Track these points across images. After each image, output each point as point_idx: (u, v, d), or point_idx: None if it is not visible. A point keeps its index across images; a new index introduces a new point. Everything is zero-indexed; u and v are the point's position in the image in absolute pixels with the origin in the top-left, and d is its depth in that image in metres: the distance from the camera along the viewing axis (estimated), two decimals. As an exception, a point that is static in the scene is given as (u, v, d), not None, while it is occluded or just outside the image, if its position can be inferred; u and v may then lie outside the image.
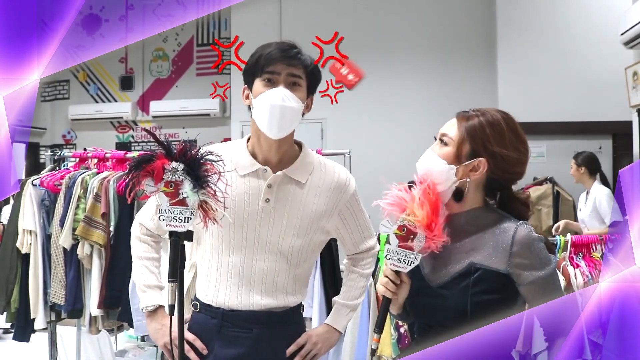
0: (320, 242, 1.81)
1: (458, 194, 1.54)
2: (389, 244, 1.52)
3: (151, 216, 1.78)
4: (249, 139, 1.76)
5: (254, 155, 1.71)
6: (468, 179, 1.53)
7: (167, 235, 1.47)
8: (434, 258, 1.54)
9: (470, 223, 1.55)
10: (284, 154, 1.71)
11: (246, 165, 1.69)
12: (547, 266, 1.50)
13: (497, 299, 1.50)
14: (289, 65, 1.64)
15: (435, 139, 1.60)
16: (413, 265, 1.50)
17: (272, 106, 1.61)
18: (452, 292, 1.52)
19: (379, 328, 1.56)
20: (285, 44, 1.67)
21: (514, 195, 1.61)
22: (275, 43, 1.67)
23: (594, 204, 4.66)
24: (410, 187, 1.53)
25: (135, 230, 1.83)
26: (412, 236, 1.49)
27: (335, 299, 1.92)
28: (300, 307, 1.82)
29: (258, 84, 1.66)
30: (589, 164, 4.85)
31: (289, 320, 1.76)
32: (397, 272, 1.53)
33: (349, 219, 1.81)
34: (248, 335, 1.70)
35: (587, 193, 4.85)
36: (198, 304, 1.76)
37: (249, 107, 1.72)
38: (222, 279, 1.71)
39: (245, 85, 1.72)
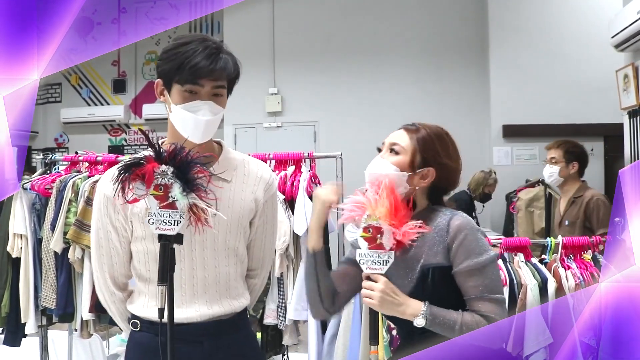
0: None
1: (407, 201, 1.59)
2: (359, 248, 1.52)
3: (117, 267, 1.70)
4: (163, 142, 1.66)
5: None
6: (417, 187, 1.63)
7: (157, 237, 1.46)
8: (396, 266, 1.54)
9: None
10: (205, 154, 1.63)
11: None
12: (483, 254, 1.55)
13: (458, 294, 1.56)
14: (215, 80, 1.56)
15: (380, 149, 1.69)
16: (388, 265, 1.50)
17: (197, 120, 1.56)
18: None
19: (374, 339, 1.54)
20: (210, 48, 1.54)
21: (443, 202, 1.70)
22: (198, 45, 1.53)
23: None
24: (365, 191, 1.56)
25: (101, 287, 1.73)
26: (379, 235, 1.49)
27: None
28: (246, 311, 1.77)
29: (178, 90, 1.56)
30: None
31: (238, 326, 1.72)
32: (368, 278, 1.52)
33: (265, 225, 1.78)
34: (199, 349, 1.62)
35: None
36: (138, 322, 1.67)
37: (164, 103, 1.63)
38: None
39: (160, 81, 1.59)
